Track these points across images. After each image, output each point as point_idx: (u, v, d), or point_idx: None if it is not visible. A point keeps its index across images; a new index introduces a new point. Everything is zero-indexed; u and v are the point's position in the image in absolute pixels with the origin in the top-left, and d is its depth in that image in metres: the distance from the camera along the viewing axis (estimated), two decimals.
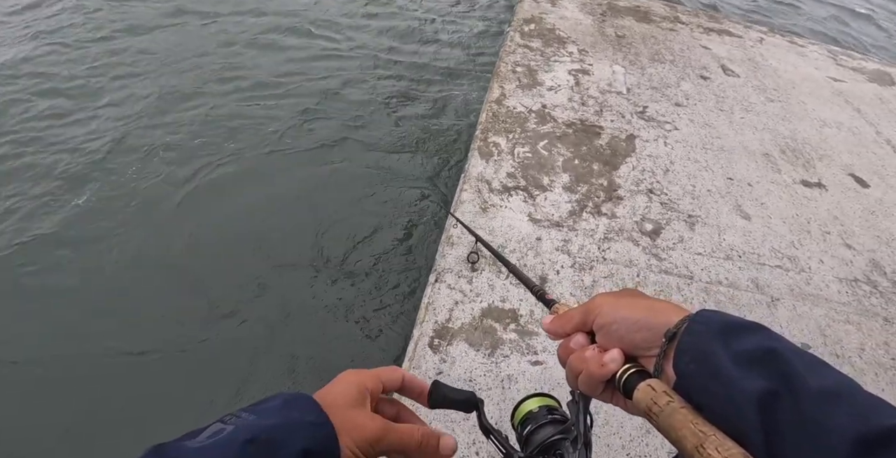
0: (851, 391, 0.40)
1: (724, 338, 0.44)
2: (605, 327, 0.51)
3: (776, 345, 0.43)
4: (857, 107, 3.90)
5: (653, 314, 0.49)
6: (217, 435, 0.40)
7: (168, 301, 2.27)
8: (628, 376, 0.48)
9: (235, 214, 2.70)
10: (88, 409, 1.89)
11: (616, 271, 2.19)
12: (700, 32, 4.62)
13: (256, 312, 2.26)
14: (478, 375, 1.73)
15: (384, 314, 2.32)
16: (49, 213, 2.56)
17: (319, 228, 2.67)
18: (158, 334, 2.13)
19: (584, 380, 0.50)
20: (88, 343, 2.07)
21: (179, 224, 2.61)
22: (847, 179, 3.06)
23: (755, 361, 0.42)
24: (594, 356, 0.50)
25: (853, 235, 2.64)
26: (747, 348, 0.43)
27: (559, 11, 4.52)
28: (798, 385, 0.39)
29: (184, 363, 2.06)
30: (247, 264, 2.45)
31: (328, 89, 3.68)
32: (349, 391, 0.49)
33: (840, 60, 4.67)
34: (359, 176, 3.01)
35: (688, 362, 0.45)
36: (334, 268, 2.49)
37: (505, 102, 3.16)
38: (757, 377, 0.41)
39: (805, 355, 0.42)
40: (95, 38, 3.82)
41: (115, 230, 2.52)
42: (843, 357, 2.02)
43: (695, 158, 2.98)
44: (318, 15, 4.59)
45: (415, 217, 2.81)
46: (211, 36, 4.06)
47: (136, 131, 3.09)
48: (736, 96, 3.70)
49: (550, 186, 2.59)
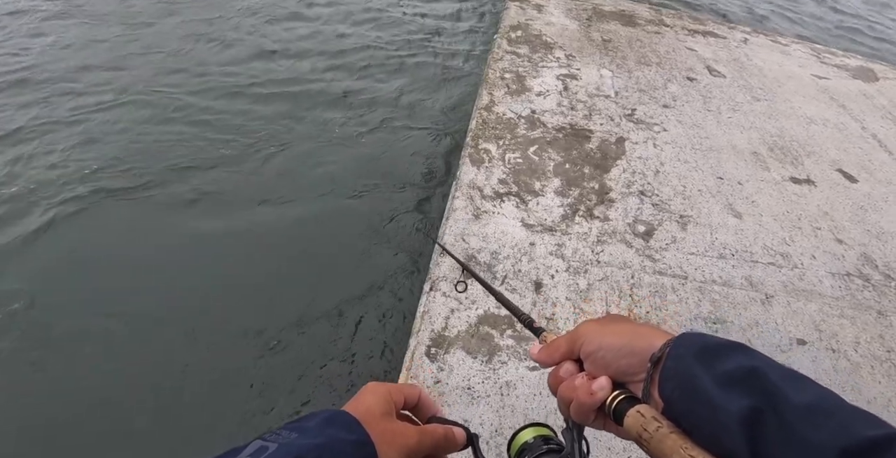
0: (834, 405, 0.40)
1: (705, 360, 0.44)
2: (591, 354, 0.51)
3: (756, 363, 0.43)
4: (843, 103, 3.95)
5: (637, 340, 0.49)
6: (260, 454, 0.40)
7: (166, 316, 2.26)
8: (618, 404, 0.48)
9: (229, 227, 2.70)
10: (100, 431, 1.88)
11: (610, 274, 2.20)
12: (685, 34, 4.67)
13: (250, 325, 2.26)
14: (476, 382, 1.73)
15: (379, 325, 2.32)
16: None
17: (311, 239, 2.67)
18: (169, 355, 2.12)
19: (575, 409, 0.51)
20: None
21: (172, 246, 2.60)
22: (835, 175, 3.09)
23: (737, 381, 0.42)
24: (583, 385, 0.50)
25: (844, 229, 2.66)
26: (728, 368, 0.43)
27: (545, 17, 4.57)
28: (780, 402, 0.40)
29: (189, 381, 2.05)
30: (236, 277, 2.44)
31: (320, 99, 3.70)
32: (380, 402, 0.50)
33: (823, 58, 4.73)
34: (346, 186, 3.02)
35: (672, 388, 0.45)
36: (327, 279, 2.48)
37: (494, 109, 3.18)
38: (740, 397, 0.41)
39: (785, 371, 0.43)
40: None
41: None
42: (839, 352, 2.03)
43: (684, 158, 3.01)
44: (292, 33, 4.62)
45: (407, 224, 2.81)
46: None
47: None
48: (722, 96, 3.74)
49: (542, 190, 2.60)
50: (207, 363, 2.11)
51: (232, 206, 2.82)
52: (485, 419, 1.63)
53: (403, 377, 1.74)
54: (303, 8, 4.96)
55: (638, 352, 0.48)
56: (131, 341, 2.17)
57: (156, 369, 2.07)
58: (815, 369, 1.94)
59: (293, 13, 4.85)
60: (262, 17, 4.69)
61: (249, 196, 2.89)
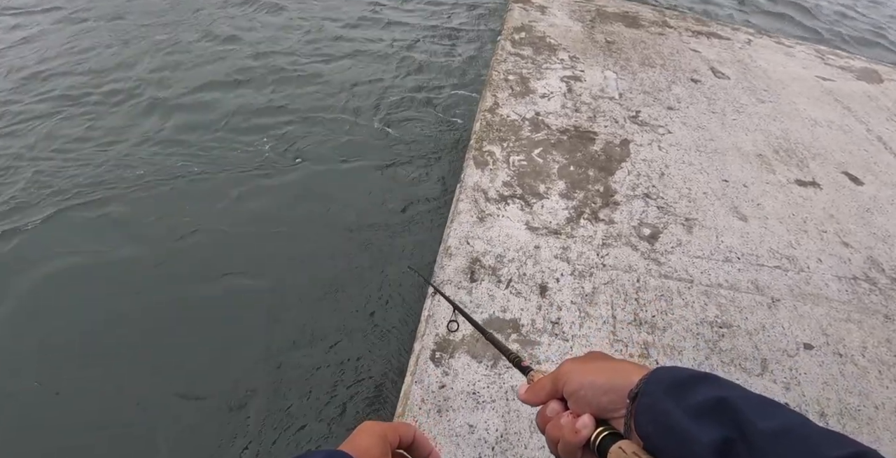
0: (801, 428, 0.41)
1: (676, 394, 0.46)
2: (574, 393, 0.53)
3: (725, 394, 0.44)
4: (847, 105, 3.93)
5: (615, 376, 0.51)
6: None
7: (164, 332, 2.25)
8: (601, 440, 0.49)
9: (235, 235, 2.69)
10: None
11: (616, 277, 2.19)
12: (689, 36, 4.66)
13: (252, 330, 2.25)
14: (481, 387, 1.72)
15: (383, 329, 2.31)
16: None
17: (313, 247, 2.66)
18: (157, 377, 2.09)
19: (562, 447, 0.52)
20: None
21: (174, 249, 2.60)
22: (841, 177, 3.08)
23: (706, 412, 0.44)
24: (568, 423, 0.52)
25: (850, 233, 2.65)
26: (698, 400, 0.45)
27: (548, 19, 4.56)
28: (749, 430, 0.41)
29: (185, 399, 2.04)
30: (237, 284, 2.43)
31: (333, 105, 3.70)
32: (377, 442, 0.51)
33: (827, 60, 4.71)
34: (351, 185, 3.02)
35: (647, 423, 0.47)
36: (329, 287, 2.48)
37: (498, 111, 3.17)
38: (710, 429, 0.42)
39: (754, 399, 0.44)
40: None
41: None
42: (846, 356, 2.02)
43: (689, 160, 2.99)
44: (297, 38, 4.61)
45: (411, 228, 2.81)
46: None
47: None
48: (727, 98, 3.73)
49: (547, 193, 2.59)
50: (209, 378, 2.10)
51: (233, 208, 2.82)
52: (490, 425, 1.62)
53: (408, 382, 1.73)
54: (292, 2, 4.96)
55: (617, 389, 0.50)
56: (144, 347, 2.17)
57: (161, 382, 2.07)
58: (822, 373, 1.93)
59: (283, 17, 4.85)
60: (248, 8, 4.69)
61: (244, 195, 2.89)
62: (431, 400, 1.67)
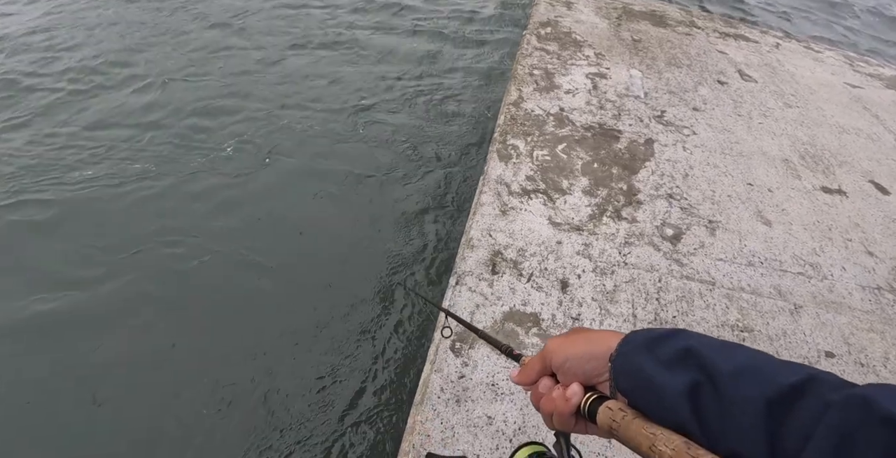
0: (760, 363, 0.44)
1: (648, 350, 0.49)
2: (561, 366, 0.56)
3: (691, 343, 0.48)
4: (876, 113, 3.87)
5: (595, 345, 0.54)
6: None
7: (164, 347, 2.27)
8: (590, 404, 0.52)
9: (262, 239, 2.70)
10: None
11: (637, 276, 2.17)
12: (716, 37, 4.60)
13: (275, 326, 2.26)
14: (500, 379, 1.72)
15: (403, 318, 2.31)
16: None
17: (337, 248, 2.66)
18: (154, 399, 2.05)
19: (557, 418, 0.55)
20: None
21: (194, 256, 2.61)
22: (867, 186, 3.03)
23: (675, 361, 0.47)
24: (559, 394, 0.55)
25: (875, 242, 2.61)
26: (667, 352, 0.48)
27: (574, 15, 4.51)
28: (713, 371, 0.44)
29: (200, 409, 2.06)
30: (265, 290, 2.44)
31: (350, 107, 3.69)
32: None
33: (857, 66, 4.64)
34: (369, 177, 3.01)
35: (625, 381, 0.50)
36: (350, 271, 2.48)
37: (523, 105, 3.15)
38: (680, 375, 0.46)
39: (716, 343, 0.47)
40: None
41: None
42: (867, 366, 1.99)
43: (714, 163, 2.96)
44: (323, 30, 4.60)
45: (430, 222, 2.80)
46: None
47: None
48: (754, 101, 3.68)
49: (570, 189, 2.57)
50: (232, 373, 2.11)
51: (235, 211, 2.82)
52: (508, 417, 1.62)
53: (427, 371, 1.73)
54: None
55: (599, 355, 0.53)
56: (155, 351, 2.19)
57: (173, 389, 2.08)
58: None
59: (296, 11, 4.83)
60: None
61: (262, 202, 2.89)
62: (451, 390, 1.67)
